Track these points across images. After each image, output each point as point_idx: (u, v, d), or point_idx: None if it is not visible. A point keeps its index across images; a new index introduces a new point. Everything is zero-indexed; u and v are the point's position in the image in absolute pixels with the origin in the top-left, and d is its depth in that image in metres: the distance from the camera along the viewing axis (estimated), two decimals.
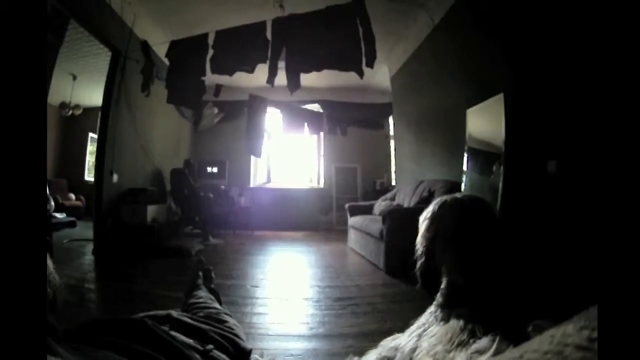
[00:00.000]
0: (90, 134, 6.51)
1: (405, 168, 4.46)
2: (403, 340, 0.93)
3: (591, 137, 1.61)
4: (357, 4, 2.58)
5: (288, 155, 6.58)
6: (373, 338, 1.25)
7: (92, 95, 5.57)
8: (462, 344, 0.72)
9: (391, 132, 5.41)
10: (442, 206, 0.89)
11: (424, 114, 3.83)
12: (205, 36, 3.00)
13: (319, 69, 2.71)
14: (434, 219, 0.89)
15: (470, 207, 0.88)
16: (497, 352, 0.61)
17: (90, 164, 6.48)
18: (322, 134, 5.57)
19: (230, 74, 2.91)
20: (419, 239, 0.92)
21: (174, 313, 0.85)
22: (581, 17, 1.70)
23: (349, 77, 3.16)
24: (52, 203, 2.92)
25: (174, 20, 3.67)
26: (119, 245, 3.17)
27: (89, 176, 6.39)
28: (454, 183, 2.82)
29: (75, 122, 6.34)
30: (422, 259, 0.90)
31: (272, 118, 5.37)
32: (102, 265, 2.76)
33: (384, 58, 4.49)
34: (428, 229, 0.89)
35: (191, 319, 0.86)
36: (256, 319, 1.71)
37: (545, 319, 0.63)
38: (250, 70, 2.87)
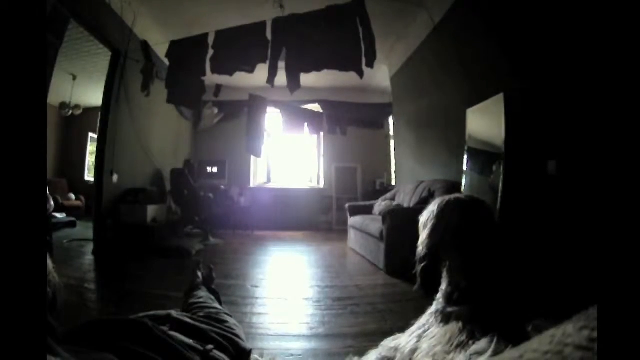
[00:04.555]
0: (90, 134, 6.51)
1: (405, 168, 4.46)
2: (403, 340, 0.93)
3: (591, 138, 1.61)
4: (357, 4, 2.58)
5: (288, 155, 6.58)
6: (373, 338, 1.25)
7: (92, 95, 5.57)
8: (461, 345, 0.72)
9: (391, 132, 5.41)
10: (446, 205, 0.89)
11: (424, 114, 3.83)
12: (205, 36, 3.00)
13: (319, 69, 2.71)
14: (440, 218, 0.88)
15: (473, 207, 0.88)
16: (495, 353, 0.61)
17: (90, 164, 6.48)
18: (322, 134, 5.57)
19: (230, 74, 2.91)
20: (424, 239, 0.91)
21: (174, 313, 0.85)
22: (581, 17, 1.70)
23: (349, 77, 3.15)
24: (52, 203, 2.91)
25: (174, 20, 3.67)
26: (119, 245, 3.17)
27: (89, 176, 6.39)
28: (454, 183, 2.82)
29: (75, 122, 6.34)
30: (426, 260, 0.90)
31: (272, 118, 5.37)
32: (102, 265, 2.76)
33: (384, 58, 4.49)
34: (435, 228, 0.88)
35: (191, 319, 0.86)
36: (256, 319, 1.71)
37: (545, 319, 0.63)
38: (250, 70, 2.87)
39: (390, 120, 5.39)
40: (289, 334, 1.54)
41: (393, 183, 5.34)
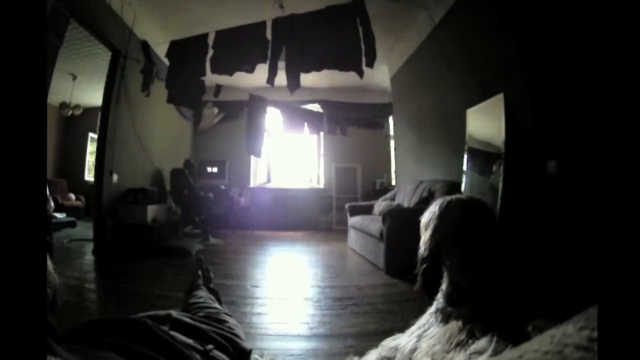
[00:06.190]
0: (90, 134, 6.50)
1: (405, 168, 4.46)
2: (403, 340, 0.93)
3: (591, 137, 1.61)
4: (357, 4, 2.57)
5: (288, 155, 6.58)
6: (373, 338, 1.25)
7: (92, 95, 5.57)
8: (460, 344, 0.72)
9: (391, 132, 5.41)
10: (448, 206, 0.89)
11: (424, 114, 3.83)
12: (205, 36, 3.00)
13: (319, 69, 2.71)
14: (442, 219, 0.88)
15: (474, 207, 0.88)
16: (495, 352, 0.61)
17: (90, 164, 6.48)
18: (322, 134, 5.57)
19: (230, 74, 2.91)
20: (425, 240, 0.91)
21: (174, 313, 0.84)
22: (581, 17, 1.70)
23: (349, 77, 3.15)
24: (52, 203, 2.91)
25: (174, 20, 3.66)
26: (119, 245, 3.17)
27: (89, 176, 6.38)
28: (454, 183, 2.82)
29: (75, 122, 6.34)
30: (428, 260, 0.90)
31: (272, 118, 5.37)
32: (102, 265, 2.76)
33: (384, 58, 4.49)
34: (436, 228, 0.88)
35: (191, 319, 0.86)
36: (256, 319, 1.71)
37: (545, 319, 0.63)
38: (250, 70, 2.86)
39: (390, 120, 5.38)
40: (289, 334, 1.54)
41: (393, 183, 5.34)
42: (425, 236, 0.91)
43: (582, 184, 1.68)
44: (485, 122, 2.51)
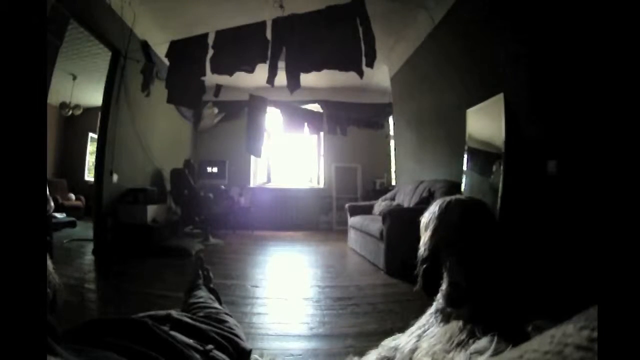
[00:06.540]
0: (90, 134, 6.51)
1: (405, 168, 4.46)
2: (403, 340, 0.93)
3: (591, 137, 1.61)
4: (357, 4, 2.57)
5: (288, 155, 6.58)
6: (373, 338, 1.25)
7: (92, 95, 5.57)
8: (461, 344, 0.72)
9: (391, 132, 5.41)
10: (448, 206, 0.89)
11: (424, 114, 3.83)
12: (205, 36, 3.00)
13: (319, 69, 2.71)
14: (442, 219, 0.88)
15: (474, 208, 0.88)
16: (496, 352, 0.61)
17: (90, 164, 6.48)
18: (322, 134, 5.57)
19: (230, 74, 2.91)
20: (425, 240, 0.91)
21: (174, 313, 0.85)
22: (581, 16, 1.70)
23: (349, 77, 3.16)
24: (52, 203, 2.91)
25: (174, 20, 3.66)
26: (119, 245, 3.17)
27: (89, 176, 6.39)
28: (454, 183, 2.82)
29: (75, 122, 6.34)
30: (427, 261, 0.90)
31: (272, 118, 5.37)
32: (102, 265, 2.76)
33: (384, 58, 4.49)
34: (436, 229, 0.88)
35: (191, 319, 0.86)
36: (256, 319, 1.71)
37: (545, 319, 0.63)
38: (250, 70, 2.86)
39: (390, 120, 5.39)
40: (289, 334, 1.54)
41: (393, 183, 5.34)
42: (425, 236, 0.91)
43: (582, 184, 1.68)
44: (485, 122, 2.51)
